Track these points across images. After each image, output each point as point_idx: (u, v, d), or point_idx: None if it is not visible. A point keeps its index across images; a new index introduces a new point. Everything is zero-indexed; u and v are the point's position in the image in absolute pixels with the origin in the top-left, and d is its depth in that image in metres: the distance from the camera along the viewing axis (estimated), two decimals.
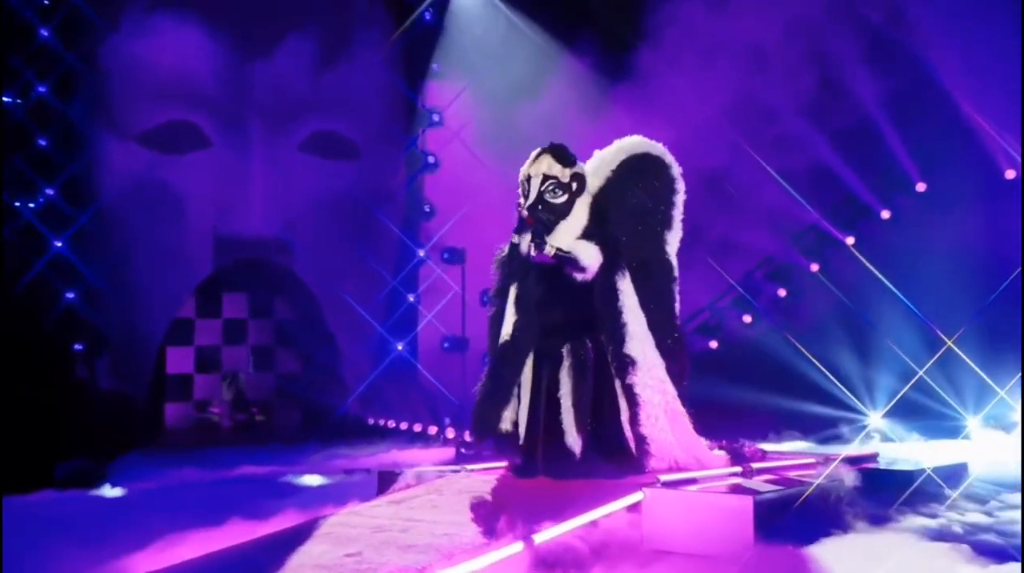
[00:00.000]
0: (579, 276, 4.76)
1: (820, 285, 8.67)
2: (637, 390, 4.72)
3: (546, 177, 4.81)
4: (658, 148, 5.03)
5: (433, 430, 8.97)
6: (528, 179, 4.84)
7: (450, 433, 8.60)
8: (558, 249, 4.71)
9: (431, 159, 9.89)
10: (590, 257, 4.74)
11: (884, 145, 8.66)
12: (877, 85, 8.58)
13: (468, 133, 9.70)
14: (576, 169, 4.83)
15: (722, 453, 5.17)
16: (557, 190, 4.79)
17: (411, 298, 9.73)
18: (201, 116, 9.38)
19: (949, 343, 7.65)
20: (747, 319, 8.95)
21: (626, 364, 4.71)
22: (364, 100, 9.73)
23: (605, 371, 4.74)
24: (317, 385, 9.53)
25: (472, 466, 5.22)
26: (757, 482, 4.88)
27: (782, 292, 9.05)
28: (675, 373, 4.90)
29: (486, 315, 8.81)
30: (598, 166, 4.99)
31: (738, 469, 5.06)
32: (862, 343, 8.28)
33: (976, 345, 7.79)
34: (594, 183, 4.94)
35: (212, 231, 9.50)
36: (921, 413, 7.82)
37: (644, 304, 4.84)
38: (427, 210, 9.85)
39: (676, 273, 5.02)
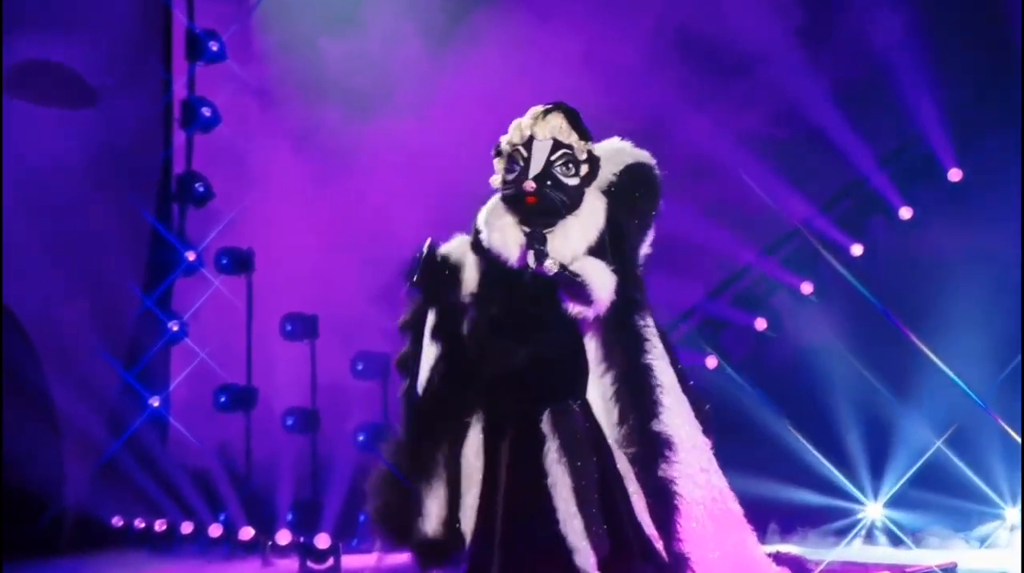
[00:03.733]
0: (577, 310, 4.40)
1: (812, 313, 8.37)
2: (676, 487, 4.35)
3: (557, 143, 4.46)
4: (649, 157, 4.77)
5: (254, 536, 8.20)
6: (529, 141, 4.47)
7: (283, 538, 7.96)
8: (563, 266, 4.34)
9: (206, 111, 8.93)
10: (604, 287, 4.39)
11: (904, 110, 8.21)
12: (898, 18, 8.24)
13: (261, 74, 9.12)
14: (591, 146, 4.54)
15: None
16: (571, 166, 4.46)
17: (173, 326, 8.84)
18: None
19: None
20: (710, 363, 8.50)
21: (659, 448, 4.37)
22: (100, 14, 8.83)
23: (602, 454, 4.42)
24: (12, 467, 8.36)
25: None
26: None
27: (760, 323, 8.60)
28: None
29: (289, 350, 8.59)
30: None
31: None
32: (863, 399, 7.93)
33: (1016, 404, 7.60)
34: (593, 184, 4.69)
35: None
36: (939, 501, 7.61)
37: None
38: (199, 190, 8.91)
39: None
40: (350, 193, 8.09)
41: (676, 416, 4.51)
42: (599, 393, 4.49)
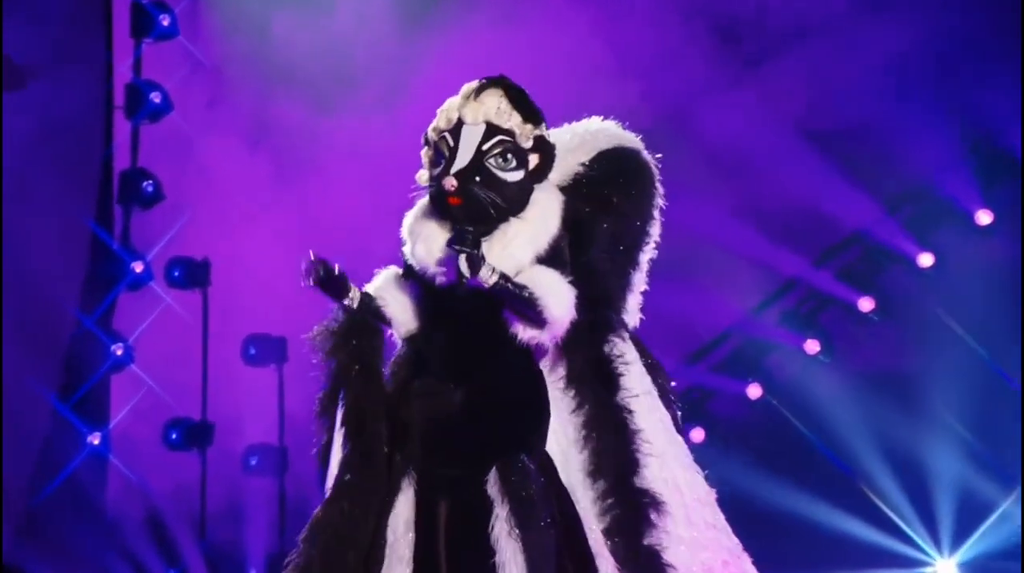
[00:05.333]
0: (527, 334, 3.93)
1: (873, 334, 8.16)
2: (666, 557, 3.92)
3: (493, 129, 3.97)
4: (635, 141, 4.28)
5: None
6: (457, 127, 4.00)
7: None
8: (503, 276, 3.85)
9: (155, 97, 8.66)
10: (561, 302, 3.93)
11: (979, 96, 7.97)
12: None
13: (217, 53, 8.87)
14: (543, 131, 4.06)
15: None
16: (510, 156, 3.96)
17: (116, 350, 8.54)
18: None
19: None
20: (753, 392, 8.21)
21: (644, 509, 3.92)
22: None
23: (568, 524, 3.96)
24: None
25: None
26: None
27: (811, 346, 8.22)
28: None
29: (252, 378, 8.63)
30: (559, 149, 4.26)
31: None
32: (934, 436, 7.76)
33: None
34: (554, 177, 4.19)
35: None
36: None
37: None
38: (147, 190, 8.64)
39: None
40: (319, 196, 8.09)
41: (669, 467, 4.10)
42: (563, 442, 4.02)
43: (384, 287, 4.08)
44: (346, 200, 8.13)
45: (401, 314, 4.08)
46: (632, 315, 4.26)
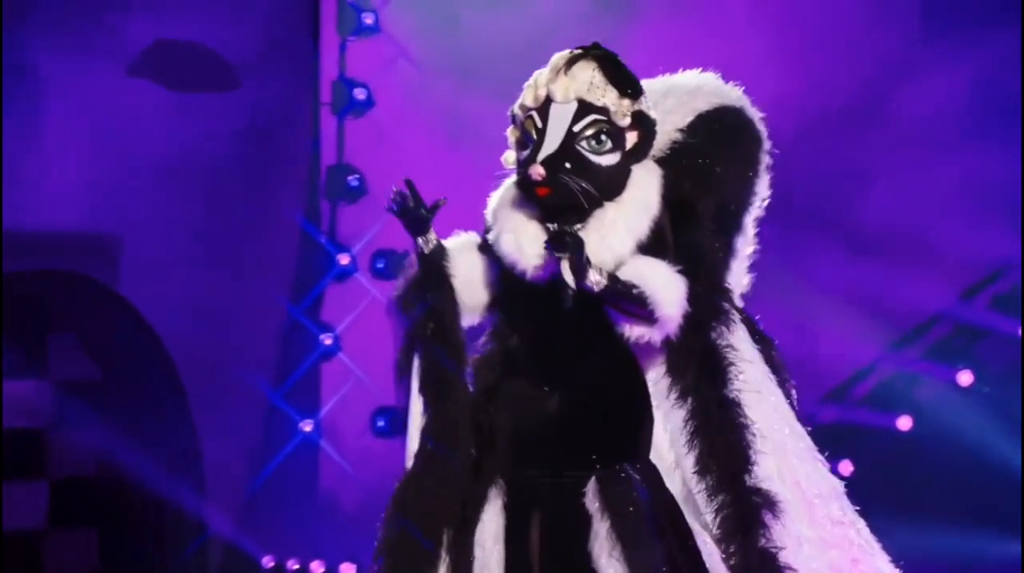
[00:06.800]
0: (636, 333, 3.64)
1: None
2: (783, 559, 3.65)
3: (586, 107, 3.63)
4: (739, 97, 4.00)
5: None
6: (545, 105, 3.66)
7: None
8: (614, 277, 3.57)
9: (360, 94, 8.77)
10: (672, 298, 3.65)
11: None
12: None
13: (423, 49, 8.85)
14: (642, 105, 3.68)
15: None
16: (604, 138, 3.64)
17: (326, 340, 8.72)
18: None
19: None
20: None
21: (757, 510, 3.65)
22: None
23: (679, 538, 3.70)
24: (146, 493, 8.41)
25: None
26: None
27: (964, 379, 7.80)
28: None
29: None
30: (657, 110, 3.90)
31: None
32: None
33: None
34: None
35: None
36: None
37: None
38: (353, 184, 8.78)
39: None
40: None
41: (787, 461, 3.83)
42: (664, 441, 3.79)
43: (457, 254, 3.83)
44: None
45: (465, 291, 3.84)
46: (738, 278, 3.98)
